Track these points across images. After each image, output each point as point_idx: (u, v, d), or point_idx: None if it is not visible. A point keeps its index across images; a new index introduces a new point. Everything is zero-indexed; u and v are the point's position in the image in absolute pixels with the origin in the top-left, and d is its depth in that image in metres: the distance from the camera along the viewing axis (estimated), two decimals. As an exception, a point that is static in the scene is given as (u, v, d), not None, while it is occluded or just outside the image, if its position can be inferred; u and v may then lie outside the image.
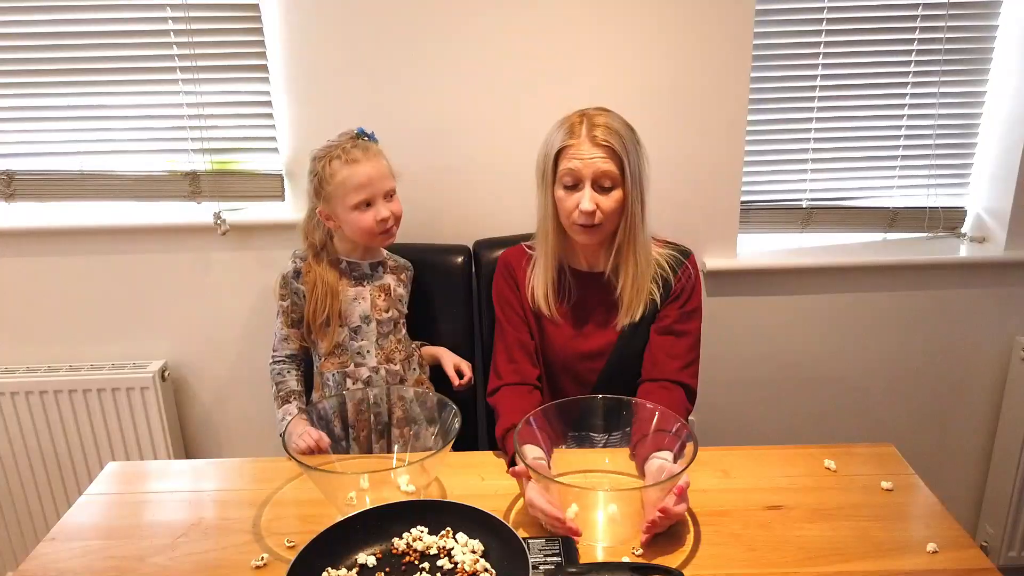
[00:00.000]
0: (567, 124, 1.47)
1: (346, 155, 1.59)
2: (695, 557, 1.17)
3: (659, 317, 1.56)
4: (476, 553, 1.10)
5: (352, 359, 1.67)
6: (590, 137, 1.44)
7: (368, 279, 1.70)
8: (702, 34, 1.86)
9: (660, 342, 1.55)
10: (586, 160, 1.43)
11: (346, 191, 1.59)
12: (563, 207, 1.49)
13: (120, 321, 2.05)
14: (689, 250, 1.61)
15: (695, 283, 1.58)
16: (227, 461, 1.49)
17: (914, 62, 1.99)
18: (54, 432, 2.02)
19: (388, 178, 1.64)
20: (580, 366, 1.59)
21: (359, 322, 1.67)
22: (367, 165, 1.59)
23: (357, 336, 1.67)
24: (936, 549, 1.16)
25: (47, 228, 1.97)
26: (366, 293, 1.68)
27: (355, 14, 1.82)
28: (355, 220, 1.60)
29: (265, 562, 1.17)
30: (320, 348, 1.68)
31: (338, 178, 1.59)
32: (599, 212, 1.45)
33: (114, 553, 1.20)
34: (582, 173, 1.44)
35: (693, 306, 1.57)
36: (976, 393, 2.18)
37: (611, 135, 1.44)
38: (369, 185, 1.59)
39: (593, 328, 1.58)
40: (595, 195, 1.45)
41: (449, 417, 1.35)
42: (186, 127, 1.94)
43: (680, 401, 1.49)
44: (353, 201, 1.59)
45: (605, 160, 1.43)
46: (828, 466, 1.39)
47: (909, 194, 2.11)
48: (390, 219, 1.62)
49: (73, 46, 1.89)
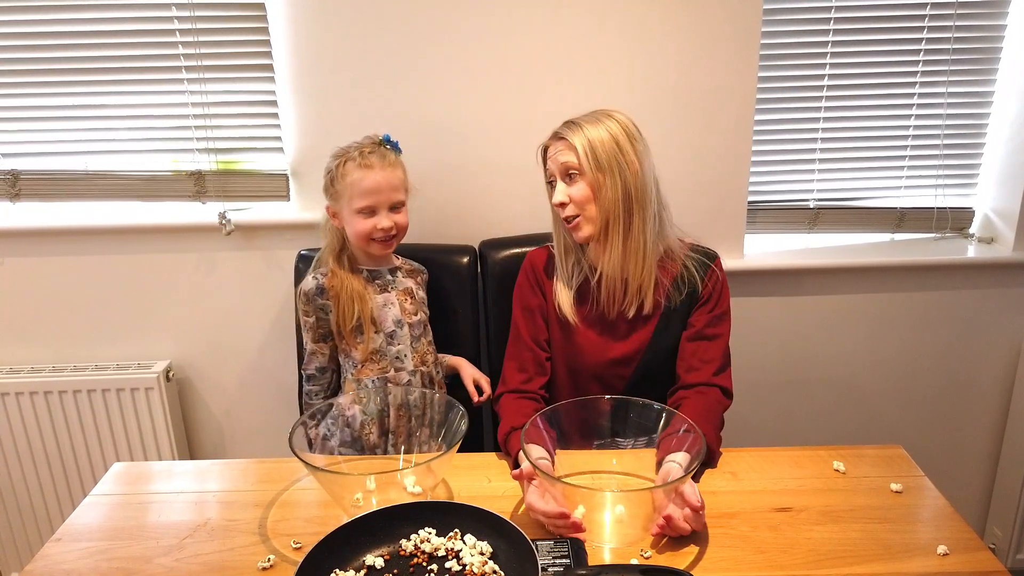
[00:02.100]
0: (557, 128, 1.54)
1: (362, 158, 1.60)
2: (704, 559, 1.16)
3: (689, 324, 1.55)
4: (484, 555, 1.09)
5: (392, 364, 1.66)
6: (554, 134, 1.52)
7: (391, 285, 1.70)
8: (710, 34, 1.85)
9: (693, 348, 1.53)
10: (554, 156, 1.50)
11: (352, 194, 1.59)
12: (552, 204, 1.54)
13: (125, 321, 2.04)
14: (715, 253, 1.60)
15: (723, 286, 1.58)
16: (232, 462, 1.49)
17: (922, 62, 1.98)
18: (58, 432, 2.01)
19: (398, 190, 1.63)
20: (609, 372, 1.58)
21: (393, 327, 1.66)
22: (379, 173, 1.59)
23: (394, 341, 1.66)
24: (947, 551, 1.16)
25: (52, 228, 1.97)
26: (393, 298, 1.68)
27: (361, 13, 1.82)
28: (355, 223, 1.61)
29: (272, 563, 1.16)
30: (355, 356, 1.65)
31: (348, 179, 1.59)
32: (572, 204, 1.49)
33: (120, 554, 1.20)
34: (554, 170, 1.51)
35: (722, 309, 1.57)
36: (984, 394, 2.17)
37: (569, 128, 1.49)
38: (376, 193, 1.59)
39: (622, 333, 1.57)
40: (566, 188, 1.49)
41: (456, 419, 1.34)
42: (191, 127, 1.94)
43: (717, 401, 1.49)
44: (357, 205, 1.59)
45: (564, 152, 1.49)
46: (837, 468, 1.38)
47: (917, 194, 2.11)
48: (391, 230, 1.62)
49: (79, 45, 1.89)
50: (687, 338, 1.55)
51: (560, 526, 1.18)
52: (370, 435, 1.57)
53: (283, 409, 2.07)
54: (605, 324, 1.57)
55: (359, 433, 1.57)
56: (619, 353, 1.56)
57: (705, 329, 1.54)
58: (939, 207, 2.10)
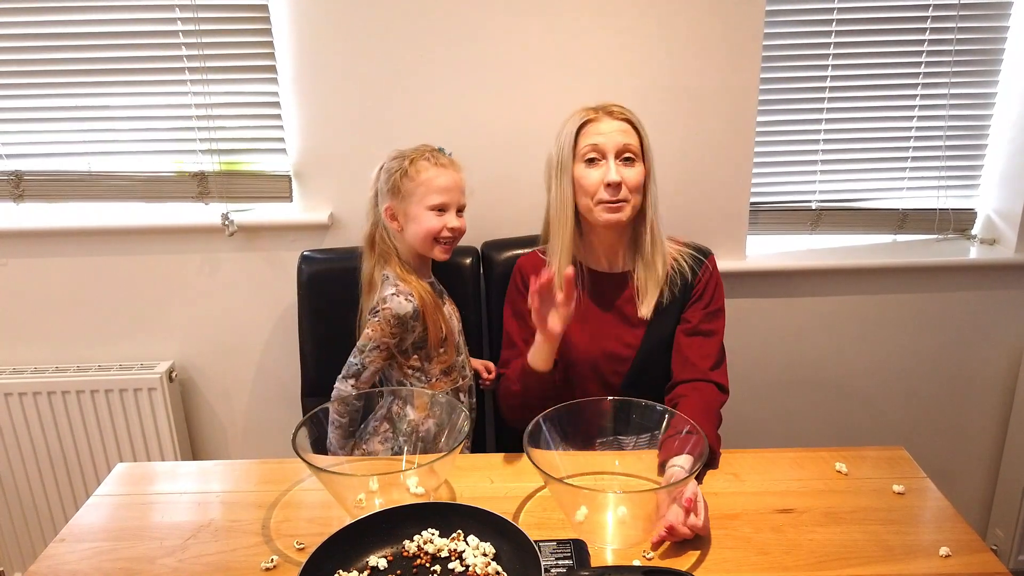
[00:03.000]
0: (581, 110, 1.52)
1: (435, 159, 1.60)
2: (706, 560, 1.16)
3: (684, 319, 1.56)
4: (487, 556, 1.09)
5: (460, 375, 1.67)
6: (608, 113, 1.49)
7: (444, 295, 1.70)
8: (712, 35, 1.85)
9: (689, 343, 1.54)
10: (608, 133, 1.47)
11: (428, 190, 1.58)
12: (586, 184, 1.49)
13: (128, 322, 2.05)
14: (708, 250, 1.61)
15: (717, 282, 1.59)
16: (235, 463, 1.49)
17: (924, 63, 1.98)
18: (62, 433, 2.02)
19: (464, 194, 1.65)
20: (605, 368, 1.58)
21: (457, 337, 1.67)
22: (454, 174, 1.61)
23: (459, 352, 1.67)
24: (949, 553, 1.16)
25: (55, 229, 1.97)
26: (451, 309, 1.69)
27: (364, 15, 1.82)
28: (426, 220, 1.58)
29: (275, 564, 1.16)
30: (432, 371, 1.63)
31: (424, 176, 1.58)
32: (624, 187, 1.47)
33: (124, 555, 1.20)
34: (605, 146, 1.48)
35: (717, 305, 1.58)
36: (986, 395, 2.17)
37: (627, 111, 1.50)
38: (452, 191, 1.60)
39: (616, 329, 1.58)
40: (619, 167, 1.47)
41: (459, 419, 1.34)
42: (194, 128, 1.94)
43: (714, 397, 1.50)
44: (433, 201, 1.58)
45: (626, 133, 1.48)
46: (839, 469, 1.38)
47: (919, 196, 2.11)
48: (458, 230, 1.62)
49: (82, 47, 1.89)
50: (683, 333, 1.56)
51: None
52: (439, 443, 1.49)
53: (286, 410, 2.08)
54: (601, 320, 1.58)
55: (432, 446, 1.51)
56: (614, 349, 1.57)
57: (701, 325, 1.55)
58: (941, 208, 2.10)
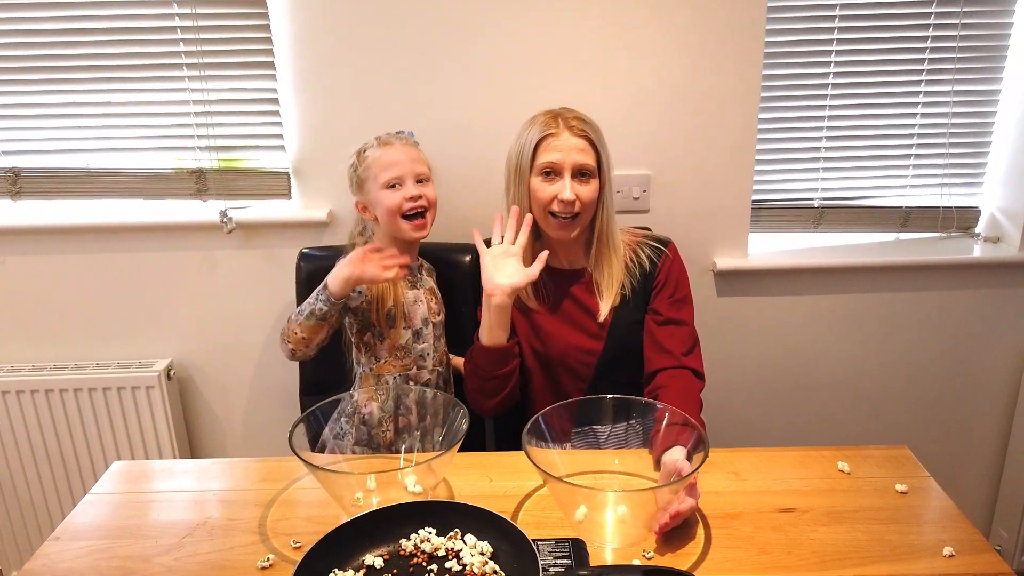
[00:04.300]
0: (542, 118, 1.53)
1: (379, 141, 1.63)
2: (707, 559, 1.15)
3: (652, 311, 1.59)
4: (485, 555, 1.08)
5: (415, 362, 1.66)
6: (568, 128, 1.50)
7: (419, 282, 1.70)
8: (714, 33, 1.84)
9: (661, 332, 1.57)
10: (566, 151, 1.49)
11: (377, 170, 1.60)
12: (541, 197, 1.52)
13: (125, 319, 2.04)
14: (668, 239, 1.64)
15: (680, 270, 1.61)
16: (232, 461, 1.48)
17: (928, 60, 1.97)
18: (59, 430, 2.01)
19: (420, 163, 1.64)
20: (575, 360, 1.60)
21: (420, 324, 1.66)
22: (399, 148, 1.62)
23: (419, 339, 1.66)
24: (952, 553, 1.15)
25: (53, 226, 1.97)
26: (422, 296, 1.68)
27: (363, 11, 1.81)
28: (385, 199, 1.59)
29: (271, 563, 1.15)
30: (381, 351, 1.64)
31: (370, 159, 1.61)
32: (578, 202, 1.49)
33: (119, 553, 1.19)
34: (562, 164, 1.49)
35: (683, 293, 1.60)
36: (990, 395, 2.16)
37: (587, 127, 1.51)
38: (399, 164, 1.60)
39: (581, 323, 1.60)
40: (574, 185, 1.49)
41: (457, 418, 1.33)
42: (192, 124, 1.94)
43: (692, 384, 1.52)
44: (384, 178, 1.59)
45: (583, 151, 1.49)
46: (841, 468, 1.37)
47: (922, 193, 2.09)
48: (420, 199, 1.60)
49: (79, 43, 1.88)
50: (655, 323, 1.58)
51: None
52: (387, 432, 1.55)
53: (284, 408, 2.07)
54: (565, 314, 1.61)
55: (376, 431, 1.55)
56: (581, 342, 1.60)
57: (670, 314, 1.57)
58: (945, 206, 2.09)
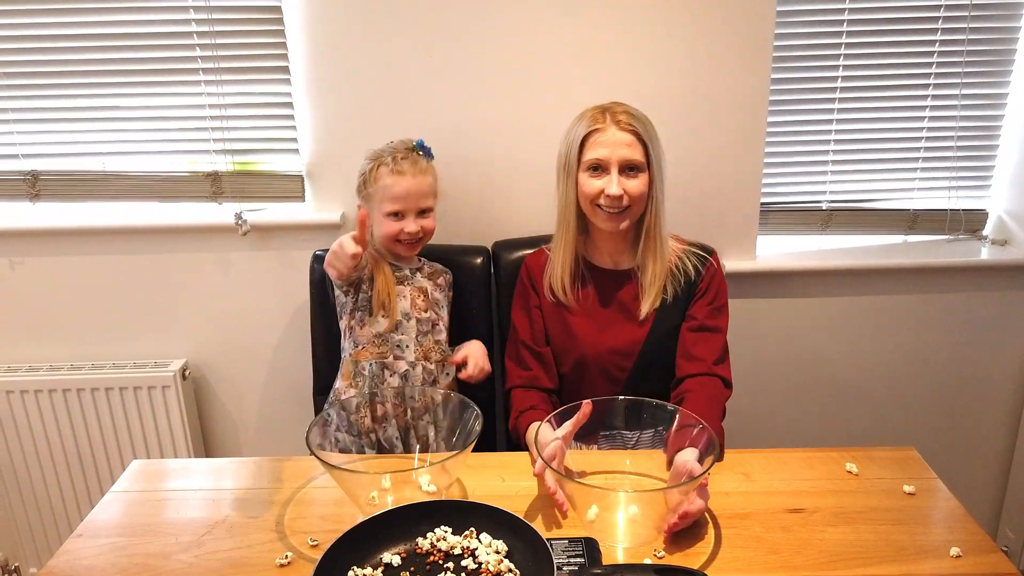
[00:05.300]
0: (590, 114, 1.53)
1: (395, 164, 1.65)
2: (716, 559, 1.17)
3: (688, 317, 1.58)
4: (500, 553, 1.10)
5: (392, 351, 1.69)
6: (615, 122, 1.50)
7: (408, 280, 1.73)
8: (723, 36, 1.85)
9: (694, 339, 1.56)
10: (612, 146, 1.49)
11: (383, 198, 1.65)
12: (588, 191, 1.52)
13: (142, 320, 2.06)
14: (712, 248, 1.63)
15: (721, 279, 1.61)
16: (248, 460, 1.50)
17: (936, 63, 1.98)
18: (76, 429, 2.04)
19: (427, 197, 1.68)
20: (610, 363, 1.60)
21: (400, 317, 1.69)
22: (410, 180, 1.65)
23: (397, 330, 1.69)
24: (960, 554, 1.16)
25: (71, 228, 1.99)
26: (407, 292, 1.71)
27: (376, 15, 1.83)
28: (384, 226, 1.67)
29: (289, 560, 1.18)
30: (361, 337, 1.68)
31: (380, 183, 1.65)
32: (626, 196, 1.50)
33: (140, 550, 1.22)
34: (609, 159, 1.49)
35: (722, 302, 1.60)
36: (997, 396, 2.16)
37: (635, 121, 1.51)
38: (405, 199, 1.64)
39: (620, 325, 1.60)
40: (622, 180, 1.49)
41: (471, 418, 1.35)
42: (208, 128, 1.96)
43: (719, 391, 1.52)
44: (387, 209, 1.65)
45: (631, 146, 1.49)
46: (850, 469, 1.38)
47: (930, 196, 2.10)
48: (418, 234, 1.67)
49: (97, 48, 1.90)
50: (688, 329, 1.58)
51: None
52: (364, 418, 1.56)
53: (298, 407, 2.09)
54: (604, 316, 1.61)
55: (354, 417, 1.56)
56: (619, 345, 1.60)
57: (706, 321, 1.57)
58: (952, 209, 2.10)
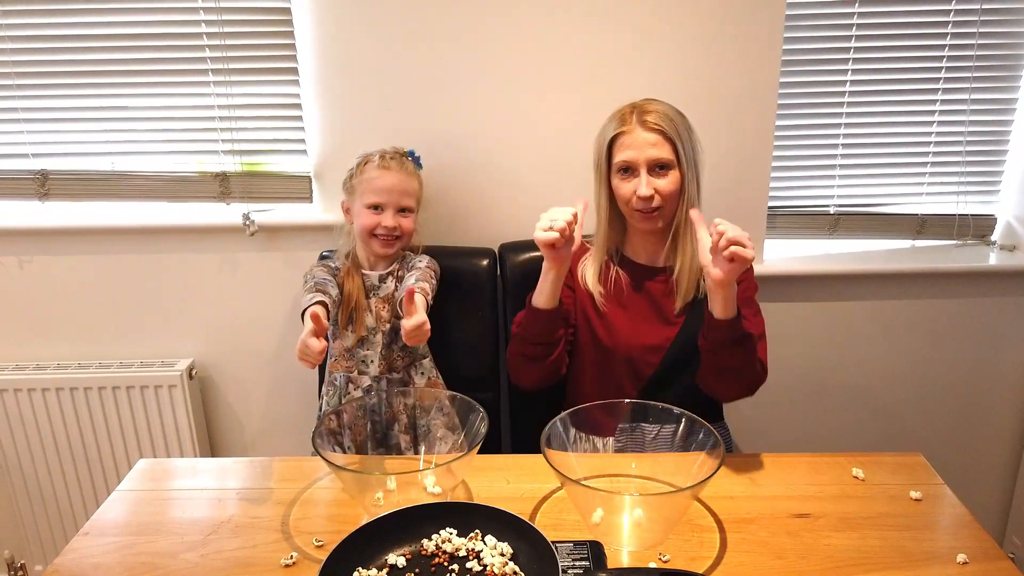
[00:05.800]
0: (618, 114, 1.54)
1: (382, 160, 1.70)
2: (722, 564, 1.16)
3: None
4: (505, 556, 1.10)
5: (357, 366, 1.72)
6: (641, 123, 1.50)
7: (375, 290, 1.73)
8: (732, 40, 1.85)
9: None
10: (639, 147, 1.49)
11: (365, 189, 1.69)
12: (620, 194, 1.54)
13: (149, 319, 2.07)
14: None
15: (751, 273, 1.61)
16: (255, 460, 1.51)
17: (945, 68, 1.97)
18: (83, 428, 2.05)
19: (409, 196, 1.71)
20: (638, 358, 1.60)
21: (366, 332, 1.72)
22: (395, 175, 1.69)
23: (362, 346, 1.72)
24: (966, 560, 1.15)
25: (79, 227, 2.00)
26: (373, 304, 1.73)
27: (385, 18, 1.83)
28: (363, 217, 1.70)
29: (294, 560, 1.18)
30: (335, 349, 1.74)
31: (365, 175, 1.70)
32: (657, 196, 1.50)
33: (146, 549, 1.22)
34: (637, 160, 1.50)
35: (751, 291, 1.60)
36: (1005, 402, 2.15)
37: (661, 119, 1.50)
38: (388, 192, 1.68)
39: (652, 321, 1.60)
40: (652, 179, 1.50)
41: (476, 421, 1.35)
42: (216, 129, 1.97)
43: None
44: (369, 200, 1.69)
45: (657, 145, 1.49)
46: (856, 475, 1.38)
47: (938, 201, 2.10)
48: (395, 230, 1.69)
49: (106, 48, 1.91)
50: None
51: None
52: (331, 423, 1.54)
53: (304, 408, 2.09)
54: (638, 311, 1.61)
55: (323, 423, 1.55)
56: (649, 340, 1.60)
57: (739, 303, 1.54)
58: (961, 214, 2.09)
